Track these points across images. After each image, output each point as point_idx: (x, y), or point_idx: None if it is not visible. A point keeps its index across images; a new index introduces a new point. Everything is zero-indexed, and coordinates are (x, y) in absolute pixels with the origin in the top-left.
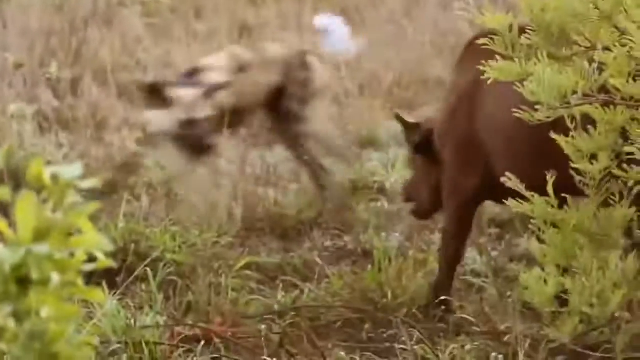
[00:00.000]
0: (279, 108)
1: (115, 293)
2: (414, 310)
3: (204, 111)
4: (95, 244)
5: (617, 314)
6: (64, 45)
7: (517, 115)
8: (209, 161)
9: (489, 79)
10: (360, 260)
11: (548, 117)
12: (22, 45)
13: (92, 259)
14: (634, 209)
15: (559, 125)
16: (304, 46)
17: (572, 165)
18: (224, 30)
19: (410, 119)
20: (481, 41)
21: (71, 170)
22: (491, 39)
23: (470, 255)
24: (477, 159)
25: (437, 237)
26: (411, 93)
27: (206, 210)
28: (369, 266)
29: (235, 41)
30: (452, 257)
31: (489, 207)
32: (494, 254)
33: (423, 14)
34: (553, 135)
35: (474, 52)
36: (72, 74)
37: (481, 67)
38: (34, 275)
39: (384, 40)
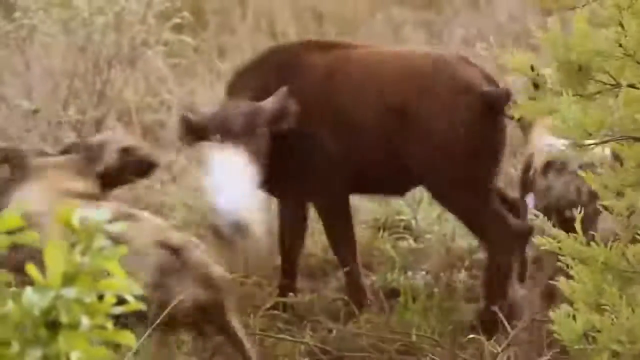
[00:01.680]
0: None
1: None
2: (439, 349)
3: None
4: (124, 287)
5: None
6: (88, 86)
7: None
8: None
9: None
10: (387, 299)
11: None
12: (45, 87)
13: (121, 301)
14: None
15: None
16: None
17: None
18: None
19: None
20: None
21: (99, 214)
22: None
23: None
24: None
25: (463, 275)
26: None
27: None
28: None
29: None
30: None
31: None
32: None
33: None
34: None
35: None
36: (96, 115)
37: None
38: (64, 319)
39: None
